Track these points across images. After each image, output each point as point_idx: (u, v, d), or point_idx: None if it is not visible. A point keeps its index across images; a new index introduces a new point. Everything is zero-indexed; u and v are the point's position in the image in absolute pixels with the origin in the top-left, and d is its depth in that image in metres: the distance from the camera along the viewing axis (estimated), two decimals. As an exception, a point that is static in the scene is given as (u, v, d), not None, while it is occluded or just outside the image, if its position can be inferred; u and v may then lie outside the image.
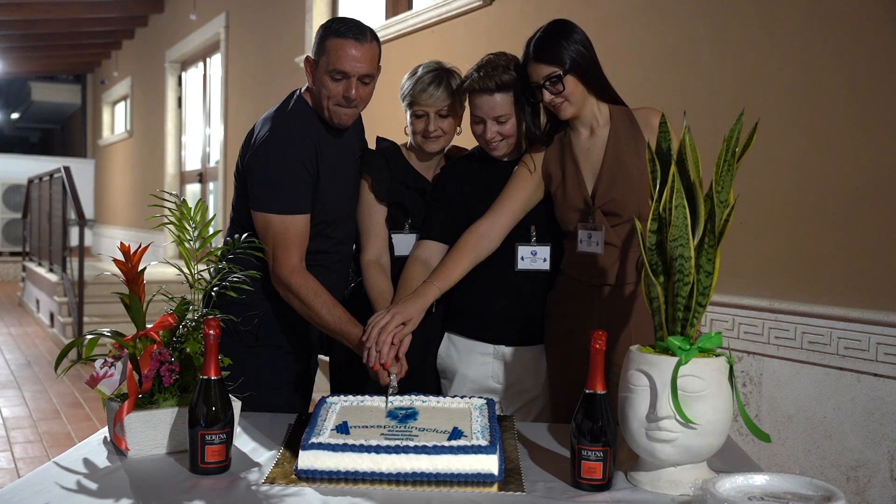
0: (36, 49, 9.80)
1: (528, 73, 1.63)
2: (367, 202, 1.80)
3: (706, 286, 1.20)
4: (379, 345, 1.50)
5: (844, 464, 2.05)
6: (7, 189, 10.68)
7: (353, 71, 1.61)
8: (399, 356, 1.53)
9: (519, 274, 1.75)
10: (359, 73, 1.62)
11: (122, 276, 1.37)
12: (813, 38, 2.14)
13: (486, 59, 1.69)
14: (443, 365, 1.84)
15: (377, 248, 1.79)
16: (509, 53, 1.72)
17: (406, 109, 1.79)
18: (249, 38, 5.93)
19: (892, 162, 1.97)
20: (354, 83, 1.62)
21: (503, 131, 1.69)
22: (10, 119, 16.98)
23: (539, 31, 1.63)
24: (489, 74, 1.65)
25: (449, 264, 1.65)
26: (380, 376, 1.51)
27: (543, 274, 1.76)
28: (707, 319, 2.38)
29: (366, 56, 1.62)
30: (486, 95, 1.66)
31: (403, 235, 1.81)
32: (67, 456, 1.31)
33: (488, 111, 1.67)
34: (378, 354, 1.50)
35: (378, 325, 1.52)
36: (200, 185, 7.40)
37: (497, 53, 1.71)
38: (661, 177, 1.25)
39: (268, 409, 1.61)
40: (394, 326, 1.52)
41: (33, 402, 4.27)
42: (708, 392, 1.16)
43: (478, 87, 1.66)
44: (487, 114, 1.67)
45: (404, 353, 1.53)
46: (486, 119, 1.67)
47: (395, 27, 4.03)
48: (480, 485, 1.20)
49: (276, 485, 1.20)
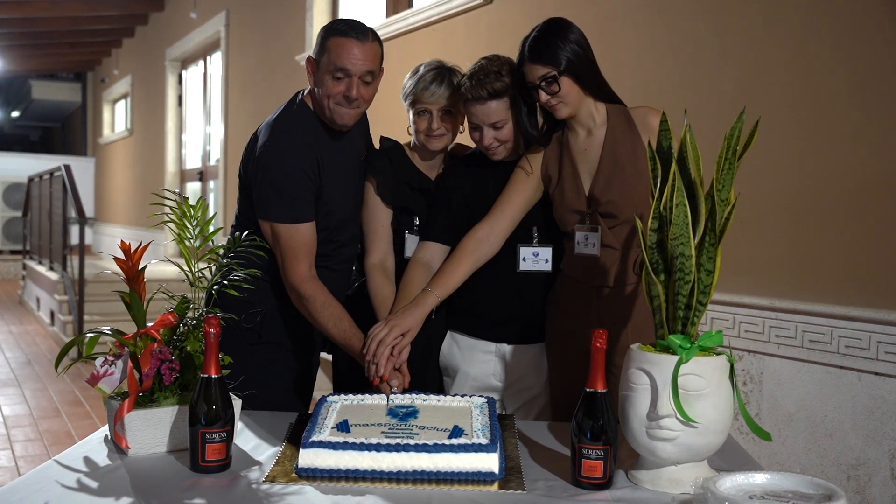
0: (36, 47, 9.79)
1: (523, 73, 1.63)
2: (372, 204, 1.79)
3: (707, 285, 1.20)
4: (377, 357, 1.51)
5: (845, 462, 2.05)
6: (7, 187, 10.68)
7: (355, 69, 1.61)
8: (401, 369, 1.54)
9: (521, 275, 1.75)
10: (360, 71, 1.62)
11: (123, 274, 1.37)
12: (814, 37, 2.14)
13: (479, 66, 1.68)
14: (445, 363, 1.84)
15: (382, 250, 1.78)
16: (503, 56, 1.71)
17: (408, 108, 1.79)
18: (250, 36, 5.93)
19: (893, 160, 1.97)
20: (356, 82, 1.62)
21: (500, 136, 1.69)
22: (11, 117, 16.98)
23: (534, 30, 1.62)
24: (481, 83, 1.64)
25: (448, 270, 1.65)
26: (382, 390, 1.52)
27: (545, 274, 1.76)
28: (708, 318, 2.38)
29: (367, 54, 1.62)
30: (480, 104, 1.66)
31: (415, 236, 1.80)
32: (68, 454, 1.31)
33: (483, 118, 1.67)
34: (376, 367, 1.51)
35: (377, 337, 1.53)
36: (201, 184, 7.40)
37: (490, 58, 1.70)
38: (661, 175, 1.25)
39: (268, 407, 1.62)
40: (392, 339, 1.53)
41: (34, 400, 4.27)
42: (708, 391, 1.16)
43: (471, 96, 1.66)
44: (483, 121, 1.67)
45: (404, 364, 1.55)
46: (483, 126, 1.68)
47: (395, 25, 4.03)
48: (481, 483, 1.20)
49: (277, 483, 1.20)
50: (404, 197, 1.79)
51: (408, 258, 1.78)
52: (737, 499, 1.02)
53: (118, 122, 10.96)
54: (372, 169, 1.80)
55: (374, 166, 1.80)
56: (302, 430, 1.40)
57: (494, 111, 1.66)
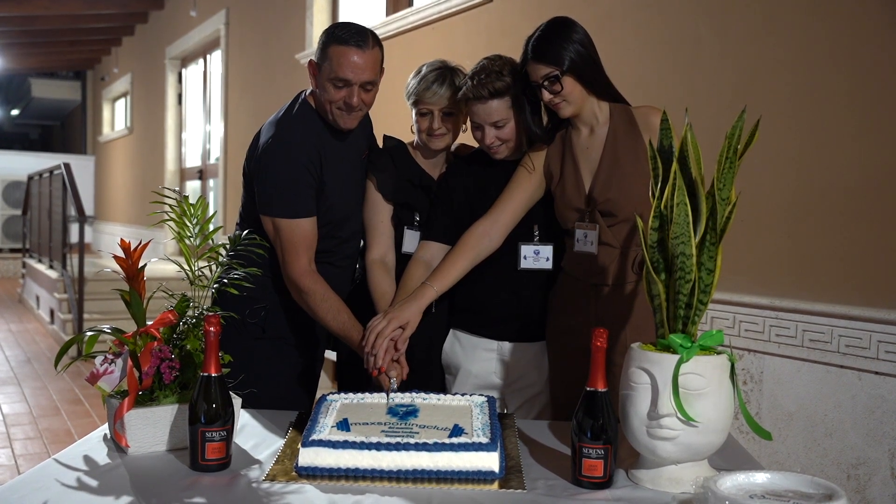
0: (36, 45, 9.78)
1: (527, 72, 1.63)
2: (373, 200, 1.81)
3: (707, 284, 1.20)
4: (375, 349, 1.53)
5: (845, 462, 2.05)
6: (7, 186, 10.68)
7: (355, 79, 1.63)
8: (399, 360, 1.56)
9: (522, 273, 1.75)
10: (360, 80, 1.64)
11: (123, 272, 1.37)
12: (813, 36, 2.13)
13: (481, 66, 1.69)
14: (447, 360, 1.84)
15: (382, 246, 1.79)
16: (504, 56, 1.72)
17: (411, 108, 1.79)
18: (249, 34, 5.92)
19: (892, 160, 1.96)
20: (356, 90, 1.64)
21: (501, 136, 1.69)
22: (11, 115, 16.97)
23: (538, 29, 1.63)
24: (482, 83, 1.65)
25: (447, 264, 1.66)
26: (381, 381, 1.54)
27: (546, 273, 1.76)
28: (708, 317, 2.37)
29: (367, 63, 1.63)
30: (481, 103, 1.67)
31: (414, 232, 1.81)
32: (67, 453, 1.31)
33: (485, 118, 1.68)
34: (375, 359, 1.52)
35: (375, 329, 1.55)
36: (200, 182, 7.39)
37: (492, 58, 1.71)
38: (662, 174, 1.25)
39: (271, 402, 1.62)
40: (390, 331, 1.55)
41: (33, 398, 4.27)
42: (709, 390, 1.16)
43: (472, 96, 1.67)
44: (484, 120, 1.68)
45: (402, 355, 1.57)
46: (484, 125, 1.69)
47: (395, 24, 4.02)
48: (481, 482, 1.20)
49: (277, 482, 1.20)
50: (405, 193, 1.80)
51: (406, 253, 1.79)
52: (737, 498, 1.02)
53: (118, 121, 10.95)
54: (373, 166, 1.81)
55: (376, 164, 1.81)
56: (302, 429, 1.40)
57: (496, 110, 1.67)
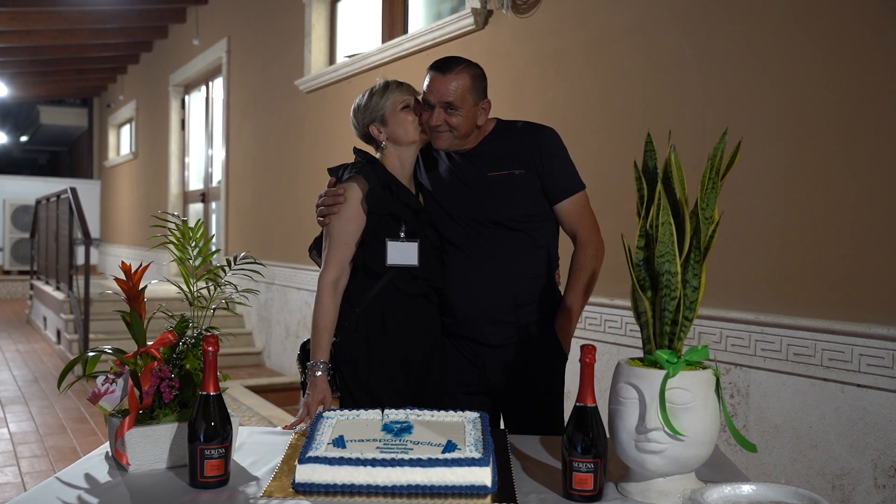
0: (44, 74, 9.94)
1: None
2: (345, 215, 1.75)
3: (693, 300, 1.23)
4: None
5: (830, 472, 2.06)
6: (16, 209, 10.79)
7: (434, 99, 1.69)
8: None
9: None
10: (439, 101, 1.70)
11: (124, 294, 1.41)
12: (796, 58, 2.18)
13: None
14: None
15: (340, 267, 1.76)
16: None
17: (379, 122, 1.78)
18: (250, 62, 6.01)
19: (873, 178, 2.00)
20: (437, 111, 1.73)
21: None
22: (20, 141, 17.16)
23: None
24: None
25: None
26: None
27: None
28: (695, 332, 2.40)
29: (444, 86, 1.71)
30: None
31: (399, 243, 1.77)
32: (69, 471, 1.33)
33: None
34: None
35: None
36: (203, 205, 7.46)
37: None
38: (647, 194, 1.28)
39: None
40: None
41: (40, 417, 4.29)
42: (695, 404, 1.18)
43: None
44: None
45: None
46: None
47: (390, 51, 4.10)
48: (474, 497, 1.21)
49: (274, 498, 1.21)
50: (387, 203, 1.76)
51: (390, 266, 1.76)
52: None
53: (123, 146, 11.08)
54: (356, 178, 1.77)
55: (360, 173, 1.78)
56: (298, 446, 1.42)
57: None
